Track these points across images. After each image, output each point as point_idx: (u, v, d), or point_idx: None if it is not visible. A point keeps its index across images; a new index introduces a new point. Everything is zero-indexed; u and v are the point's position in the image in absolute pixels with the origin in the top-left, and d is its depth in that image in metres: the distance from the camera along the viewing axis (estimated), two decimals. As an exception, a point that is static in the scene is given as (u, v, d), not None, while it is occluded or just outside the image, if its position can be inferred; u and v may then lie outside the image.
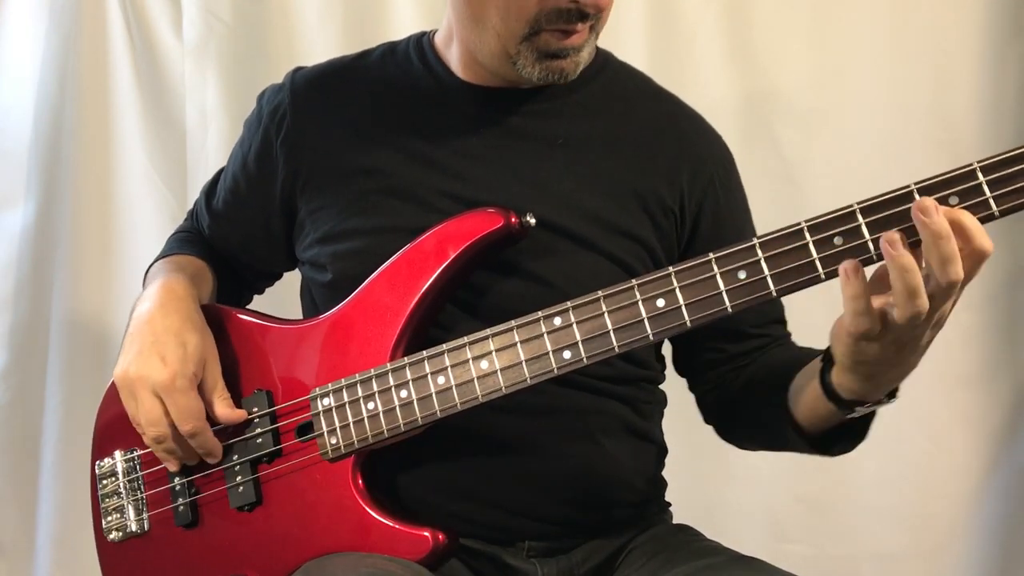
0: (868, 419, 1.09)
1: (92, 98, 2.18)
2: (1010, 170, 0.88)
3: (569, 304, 1.03)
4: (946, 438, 1.95)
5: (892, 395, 1.03)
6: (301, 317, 1.32)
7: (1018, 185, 0.88)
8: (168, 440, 1.16)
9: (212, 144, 2.13)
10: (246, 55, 2.14)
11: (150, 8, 2.19)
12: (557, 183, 1.20)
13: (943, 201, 0.89)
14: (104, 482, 1.28)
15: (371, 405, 1.11)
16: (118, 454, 1.27)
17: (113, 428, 1.28)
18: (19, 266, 2.21)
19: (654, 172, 1.23)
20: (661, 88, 1.32)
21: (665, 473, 1.32)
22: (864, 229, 0.92)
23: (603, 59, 1.29)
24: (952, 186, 0.89)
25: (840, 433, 1.10)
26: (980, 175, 0.89)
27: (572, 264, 1.18)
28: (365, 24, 2.10)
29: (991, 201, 0.88)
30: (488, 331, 1.06)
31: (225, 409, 1.18)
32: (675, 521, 1.32)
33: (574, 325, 1.03)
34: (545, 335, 1.04)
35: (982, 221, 0.89)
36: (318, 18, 2.12)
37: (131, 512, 1.26)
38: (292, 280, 1.45)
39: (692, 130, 1.29)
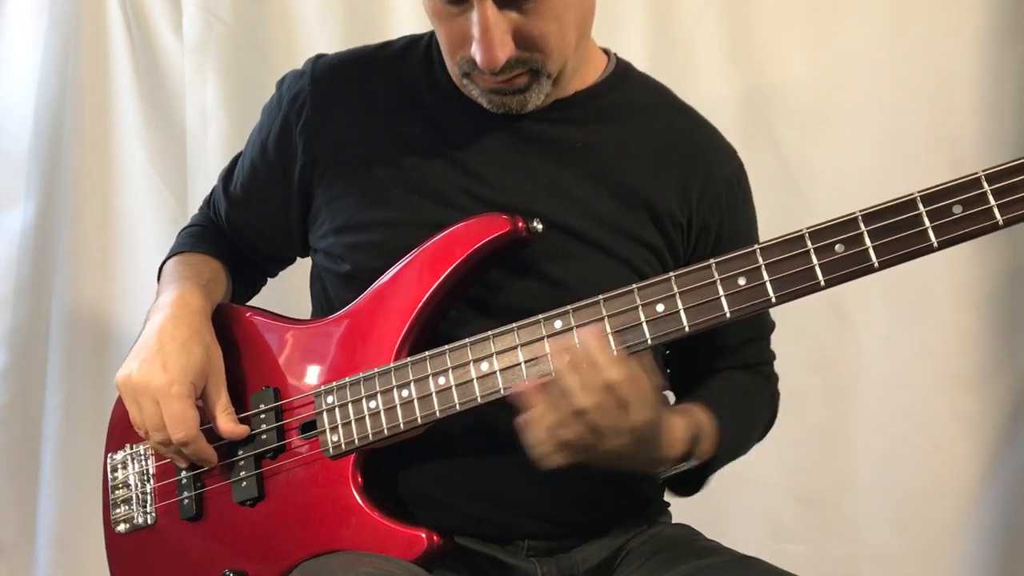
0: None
1: (92, 98, 2.18)
2: (1015, 179, 0.87)
3: (570, 307, 1.03)
4: (946, 438, 1.95)
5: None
6: (308, 308, 1.33)
7: (1023, 194, 0.87)
8: (172, 444, 1.17)
9: (212, 144, 2.14)
10: (246, 55, 2.14)
11: (150, 8, 2.19)
12: (573, 188, 1.20)
13: (947, 210, 0.89)
14: (115, 474, 1.30)
15: (372, 404, 1.12)
16: (129, 447, 1.29)
17: (127, 421, 1.28)
18: (19, 266, 2.21)
19: (666, 184, 1.22)
20: (680, 102, 1.31)
21: (665, 474, 1.32)
22: (866, 237, 0.92)
23: (623, 70, 1.29)
24: (956, 195, 0.89)
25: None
26: (985, 184, 0.88)
27: (587, 267, 1.18)
28: (365, 24, 2.10)
29: (995, 210, 0.88)
30: (490, 333, 1.06)
31: (228, 424, 1.19)
32: (675, 521, 1.32)
33: (574, 329, 1.02)
34: (545, 338, 1.04)
35: (986, 231, 0.89)
36: (318, 18, 2.12)
37: (138, 504, 1.28)
38: (295, 277, 1.45)
39: (706, 147, 1.28)
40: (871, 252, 0.92)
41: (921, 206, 0.90)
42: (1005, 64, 1.89)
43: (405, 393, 1.10)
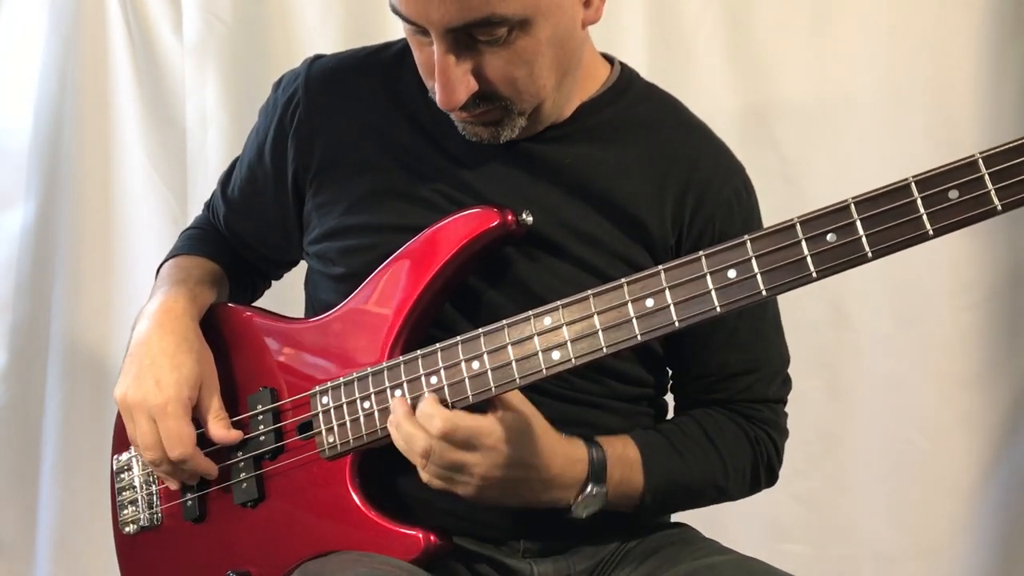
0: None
1: (92, 98, 2.18)
2: (1014, 161, 0.83)
3: (560, 303, 1.02)
4: (946, 438, 1.95)
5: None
6: (304, 309, 1.33)
7: (1022, 177, 0.83)
8: (165, 463, 1.18)
9: (212, 144, 2.14)
10: (246, 55, 2.14)
11: (150, 8, 2.19)
12: (562, 206, 1.17)
13: (943, 195, 0.86)
14: (121, 476, 1.31)
15: (367, 404, 1.11)
16: (134, 448, 1.28)
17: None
18: (19, 266, 2.21)
19: (660, 204, 1.19)
20: (684, 116, 1.27)
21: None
22: (859, 225, 0.89)
23: (625, 83, 1.25)
24: (953, 179, 0.85)
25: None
26: (982, 167, 0.84)
27: (571, 286, 1.13)
28: (365, 24, 2.10)
29: (993, 194, 0.84)
30: (480, 330, 1.05)
31: (222, 431, 1.19)
32: (674, 520, 1.31)
33: (564, 325, 1.01)
34: (535, 336, 1.03)
35: (984, 217, 0.85)
36: (318, 18, 2.12)
37: (144, 506, 1.28)
38: (293, 277, 1.45)
39: (705, 164, 1.22)
40: (864, 241, 0.89)
41: (916, 191, 0.87)
42: (1005, 64, 1.89)
43: (398, 393, 1.09)
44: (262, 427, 1.20)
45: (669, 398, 1.31)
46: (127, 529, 1.29)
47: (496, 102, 1.10)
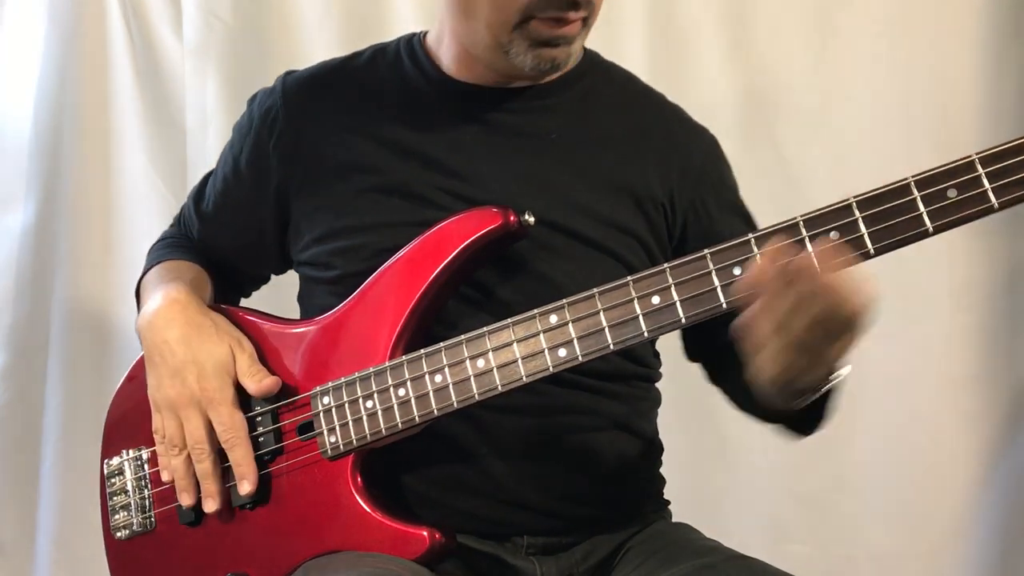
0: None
1: (92, 98, 2.18)
2: (1009, 161, 0.87)
3: (565, 301, 1.03)
4: (946, 438, 1.95)
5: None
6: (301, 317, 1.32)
7: (1017, 177, 0.87)
8: (207, 458, 1.17)
9: (212, 144, 2.13)
10: (246, 55, 2.14)
11: (150, 8, 2.19)
12: (551, 179, 1.20)
13: (941, 194, 0.89)
14: (112, 480, 1.29)
15: (369, 404, 1.11)
16: (126, 452, 1.28)
17: (122, 427, 1.29)
18: (19, 266, 2.21)
19: (644, 168, 1.24)
20: (646, 86, 1.34)
21: (665, 472, 1.32)
22: (860, 223, 0.91)
23: (590, 59, 1.30)
24: (950, 178, 0.89)
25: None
26: (979, 167, 0.88)
27: (570, 260, 1.18)
28: (365, 24, 2.10)
29: (990, 193, 0.88)
30: (485, 329, 1.06)
31: (253, 384, 1.17)
32: (675, 519, 1.32)
33: (569, 323, 1.03)
34: (541, 333, 1.04)
35: (981, 215, 0.88)
36: (318, 18, 2.12)
37: (137, 510, 1.27)
38: (290, 281, 1.45)
39: (679, 127, 1.30)
40: (866, 239, 0.92)
41: (915, 190, 0.90)
42: (1005, 64, 1.89)
43: (402, 392, 1.10)
44: (260, 428, 1.19)
45: (661, 386, 1.31)
46: (119, 534, 1.28)
47: (587, 7, 1.14)
